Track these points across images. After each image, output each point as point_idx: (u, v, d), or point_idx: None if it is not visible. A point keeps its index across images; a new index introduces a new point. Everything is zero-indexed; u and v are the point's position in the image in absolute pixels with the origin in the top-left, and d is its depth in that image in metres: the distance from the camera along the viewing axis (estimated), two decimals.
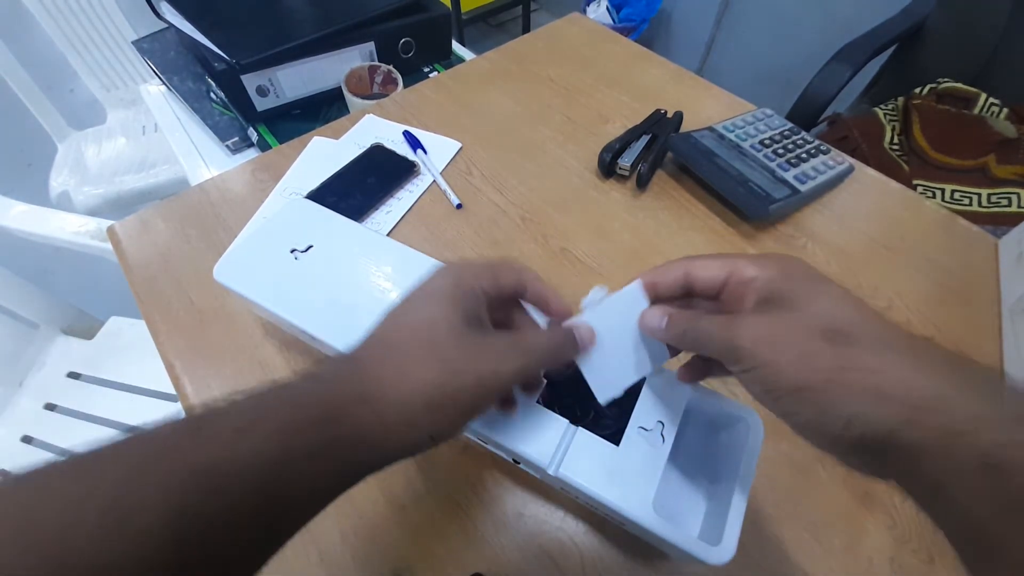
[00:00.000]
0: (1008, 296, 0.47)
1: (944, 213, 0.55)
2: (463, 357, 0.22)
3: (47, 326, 0.81)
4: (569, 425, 0.29)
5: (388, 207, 0.53)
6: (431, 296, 0.24)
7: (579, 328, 0.26)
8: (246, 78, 0.72)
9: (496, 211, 0.53)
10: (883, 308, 0.47)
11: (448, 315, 0.23)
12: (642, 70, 0.69)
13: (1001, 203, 0.82)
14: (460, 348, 0.22)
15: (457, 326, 0.23)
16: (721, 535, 0.26)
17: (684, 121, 0.61)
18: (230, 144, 0.80)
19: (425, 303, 0.24)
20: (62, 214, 0.75)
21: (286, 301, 0.35)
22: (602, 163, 0.56)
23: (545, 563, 0.34)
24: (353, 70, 0.76)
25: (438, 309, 0.23)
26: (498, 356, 0.23)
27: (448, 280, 0.24)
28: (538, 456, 0.28)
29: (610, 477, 0.27)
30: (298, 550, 0.34)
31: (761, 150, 0.55)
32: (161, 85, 0.89)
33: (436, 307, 0.23)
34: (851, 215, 0.54)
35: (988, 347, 0.45)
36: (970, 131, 0.87)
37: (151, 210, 0.53)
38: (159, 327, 0.45)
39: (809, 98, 0.88)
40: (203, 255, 0.49)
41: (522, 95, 0.66)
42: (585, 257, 0.50)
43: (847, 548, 0.35)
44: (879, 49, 0.95)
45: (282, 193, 0.54)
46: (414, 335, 0.22)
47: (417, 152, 0.58)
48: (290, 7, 0.79)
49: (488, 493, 0.36)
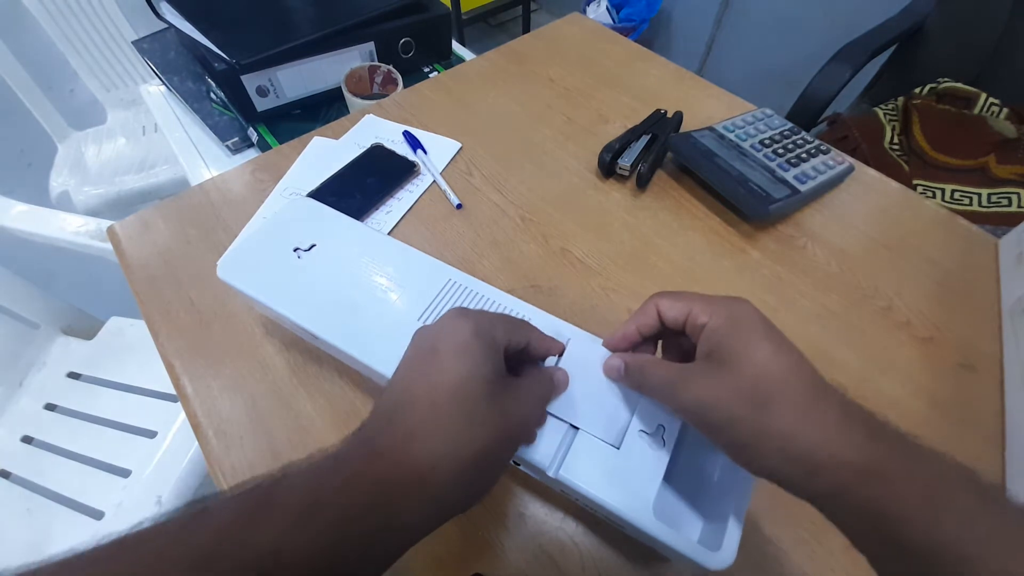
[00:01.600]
0: (1008, 296, 0.47)
1: (944, 213, 0.55)
2: (499, 416, 0.23)
3: (47, 326, 0.81)
4: (569, 428, 0.29)
5: (388, 207, 0.53)
6: (461, 351, 0.24)
7: (557, 373, 0.30)
8: (246, 78, 0.72)
9: (496, 211, 0.53)
10: (883, 308, 0.47)
11: (481, 372, 0.24)
12: (642, 70, 0.69)
13: (1001, 203, 0.82)
14: (494, 408, 0.23)
15: (489, 383, 0.24)
16: (722, 540, 0.26)
17: (684, 121, 0.61)
18: (230, 144, 0.80)
19: (456, 359, 0.24)
20: (62, 214, 0.75)
21: (289, 300, 0.35)
22: (602, 163, 0.56)
23: (545, 563, 0.34)
24: (353, 70, 0.76)
25: (470, 366, 0.23)
26: (524, 406, 0.26)
27: (470, 331, 0.25)
28: (538, 458, 0.28)
29: (610, 480, 0.27)
30: None
31: (761, 150, 0.55)
32: (161, 85, 0.89)
33: (468, 363, 0.24)
34: (851, 215, 0.54)
35: (988, 347, 0.45)
36: (970, 131, 0.87)
37: (151, 210, 0.53)
38: (159, 327, 0.45)
39: (809, 98, 0.88)
40: (203, 255, 0.49)
41: (522, 95, 0.66)
42: (585, 257, 0.50)
43: (847, 548, 0.34)
44: (879, 49, 0.95)
45: (282, 193, 0.54)
46: (453, 396, 0.23)
47: (417, 152, 0.58)
48: (290, 7, 0.79)
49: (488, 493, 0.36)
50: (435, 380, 0.23)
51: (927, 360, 0.44)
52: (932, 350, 0.45)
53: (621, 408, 0.30)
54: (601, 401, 0.30)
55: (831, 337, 0.45)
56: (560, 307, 0.46)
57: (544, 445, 0.28)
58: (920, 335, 0.45)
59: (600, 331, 0.33)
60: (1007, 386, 0.42)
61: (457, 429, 0.22)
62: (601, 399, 0.30)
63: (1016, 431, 0.39)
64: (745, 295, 0.47)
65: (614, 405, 0.30)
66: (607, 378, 0.31)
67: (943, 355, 0.44)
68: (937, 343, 0.45)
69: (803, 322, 0.46)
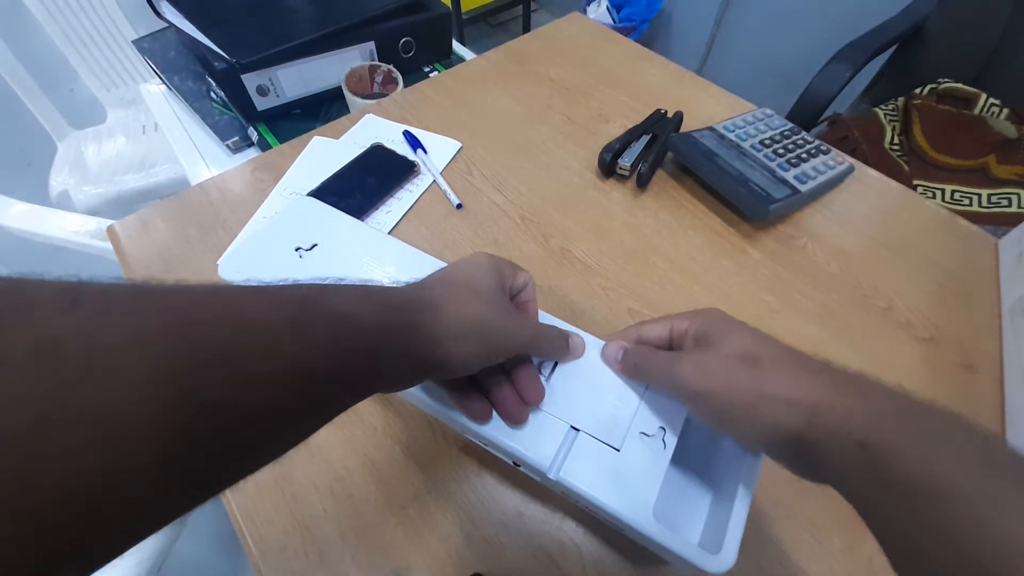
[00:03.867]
0: (1008, 296, 0.47)
1: (944, 213, 0.55)
2: (496, 308, 0.27)
3: None
4: (570, 429, 0.29)
5: (388, 207, 0.53)
6: (475, 265, 0.29)
7: (575, 337, 0.32)
8: (246, 77, 0.72)
9: (496, 211, 0.53)
10: (883, 308, 0.47)
11: (489, 279, 0.28)
12: (642, 70, 0.69)
13: (1001, 203, 0.82)
14: (494, 302, 0.27)
15: (494, 288, 0.28)
16: (722, 543, 0.26)
17: (684, 121, 0.61)
18: (230, 144, 0.80)
19: (471, 267, 0.29)
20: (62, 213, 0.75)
21: None
22: (602, 163, 0.56)
23: (545, 563, 0.34)
24: (353, 69, 0.76)
25: (481, 273, 0.28)
26: (519, 320, 0.29)
27: (485, 259, 0.30)
28: (538, 459, 0.28)
29: (610, 482, 0.27)
30: (298, 550, 0.34)
31: (761, 150, 0.55)
32: (161, 84, 0.89)
33: (480, 271, 0.29)
34: (851, 215, 0.54)
35: (988, 347, 0.45)
36: (970, 131, 0.87)
37: (151, 210, 0.53)
38: None
39: (809, 98, 0.88)
40: (203, 255, 0.49)
41: (522, 95, 0.66)
42: (585, 257, 0.50)
43: (847, 548, 0.35)
44: (879, 49, 0.95)
45: (282, 193, 0.54)
46: (466, 283, 0.27)
47: (417, 152, 0.58)
48: (290, 6, 0.79)
49: (488, 493, 0.36)
50: (450, 275, 0.28)
51: (927, 360, 0.44)
52: (932, 350, 0.45)
53: (622, 410, 0.30)
54: (602, 403, 0.30)
55: (831, 337, 0.45)
56: (560, 307, 0.46)
57: (544, 446, 0.28)
58: (920, 335, 0.45)
59: (600, 331, 0.33)
60: (1007, 386, 0.42)
61: (463, 298, 0.26)
62: (602, 401, 0.30)
63: (1016, 431, 0.39)
64: (745, 295, 0.47)
65: (615, 407, 0.30)
66: (604, 364, 0.31)
67: (943, 355, 0.44)
68: (937, 343, 0.45)
69: (803, 322, 0.46)
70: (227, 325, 0.17)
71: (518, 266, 0.32)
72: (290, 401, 0.18)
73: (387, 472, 0.37)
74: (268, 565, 0.34)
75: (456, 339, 0.25)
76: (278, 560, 0.34)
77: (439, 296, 0.26)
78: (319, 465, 0.37)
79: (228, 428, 0.16)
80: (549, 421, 0.29)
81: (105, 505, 0.13)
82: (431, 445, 0.38)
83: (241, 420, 0.17)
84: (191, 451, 0.15)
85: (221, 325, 0.17)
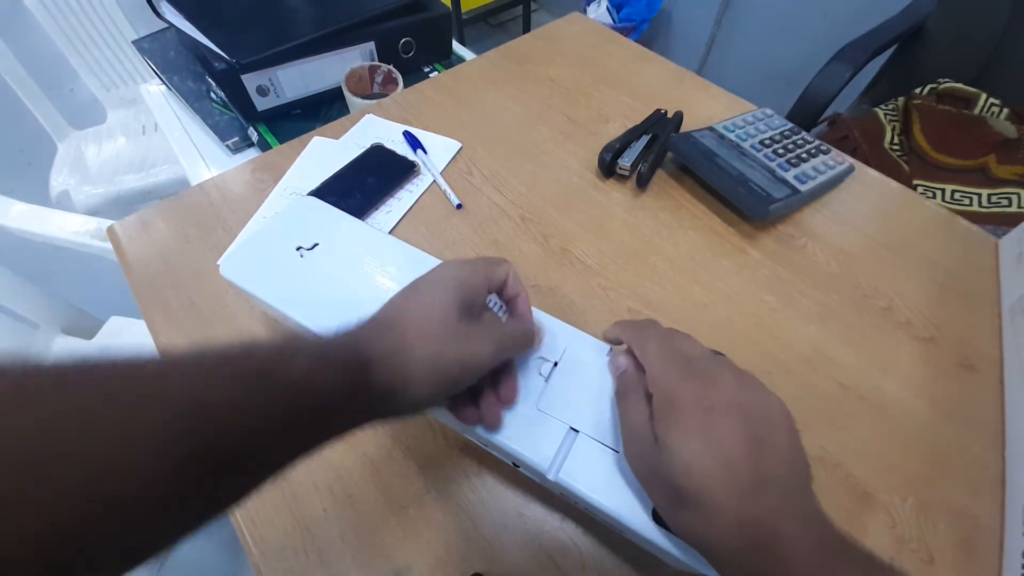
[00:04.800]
0: (1008, 296, 0.47)
1: (944, 213, 0.55)
2: (451, 340, 0.26)
3: (47, 326, 0.81)
4: (569, 430, 0.29)
5: (388, 207, 0.53)
6: (437, 285, 0.28)
7: (536, 325, 0.32)
8: (246, 78, 0.72)
9: (496, 211, 0.53)
10: (883, 308, 0.47)
11: (446, 304, 0.27)
12: (642, 70, 0.69)
13: (1001, 203, 0.82)
14: (448, 334, 0.26)
15: (451, 314, 0.27)
16: None
17: (684, 121, 0.61)
18: (230, 144, 0.80)
19: (431, 289, 0.28)
20: (62, 214, 0.75)
21: (291, 299, 0.35)
22: (602, 163, 0.56)
23: (545, 563, 0.34)
24: (353, 70, 0.76)
25: (440, 296, 0.27)
26: (477, 341, 0.27)
27: (450, 273, 0.29)
28: (537, 460, 0.28)
29: (609, 484, 0.27)
30: (298, 550, 0.34)
31: (761, 150, 0.55)
32: (161, 85, 0.89)
33: (440, 293, 0.27)
34: (851, 215, 0.54)
35: (988, 347, 0.45)
36: (970, 131, 0.87)
37: (151, 210, 0.53)
38: (159, 327, 0.45)
39: (809, 98, 0.88)
40: (203, 255, 0.49)
41: (522, 95, 0.66)
42: (585, 257, 0.50)
43: None
44: (879, 49, 0.95)
45: (282, 193, 0.54)
46: (418, 320, 0.26)
47: (417, 152, 0.58)
48: (290, 7, 0.79)
49: (488, 493, 0.36)
50: (411, 301, 0.28)
51: (927, 360, 0.44)
52: (932, 350, 0.45)
53: None
54: (602, 404, 0.30)
55: (831, 337, 0.45)
56: (560, 307, 0.46)
57: (544, 447, 0.28)
58: (920, 335, 0.45)
59: (600, 332, 0.33)
60: (1007, 386, 0.42)
61: (418, 336, 0.26)
62: (602, 402, 0.30)
63: (1016, 431, 0.39)
64: (745, 295, 0.47)
65: (615, 408, 0.30)
66: (608, 372, 0.31)
67: (943, 355, 0.44)
68: (937, 343, 0.45)
69: (803, 322, 0.46)
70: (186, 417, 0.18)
71: (493, 261, 0.31)
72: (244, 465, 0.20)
73: (387, 472, 0.37)
74: (268, 565, 0.34)
75: (415, 384, 0.25)
76: (278, 560, 0.34)
77: (392, 345, 0.25)
78: (319, 465, 0.37)
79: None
80: (549, 422, 0.29)
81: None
82: (431, 445, 0.38)
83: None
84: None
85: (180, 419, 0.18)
